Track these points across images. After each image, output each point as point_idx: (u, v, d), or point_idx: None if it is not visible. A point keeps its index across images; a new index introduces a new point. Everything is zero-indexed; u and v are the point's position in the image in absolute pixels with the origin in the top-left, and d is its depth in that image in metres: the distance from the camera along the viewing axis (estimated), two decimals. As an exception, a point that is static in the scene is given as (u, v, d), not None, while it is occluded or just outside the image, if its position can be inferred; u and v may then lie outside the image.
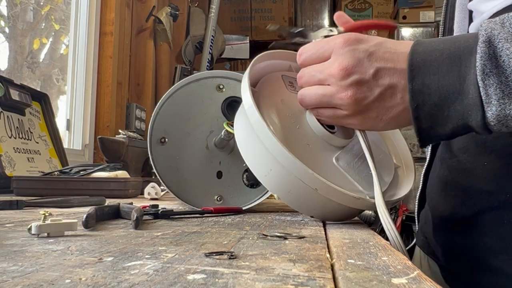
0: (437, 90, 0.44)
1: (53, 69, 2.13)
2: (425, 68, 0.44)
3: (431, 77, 0.44)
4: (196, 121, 0.72)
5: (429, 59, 0.44)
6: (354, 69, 0.47)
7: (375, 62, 0.47)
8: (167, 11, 2.39)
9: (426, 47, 0.45)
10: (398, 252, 0.35)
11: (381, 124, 0.49)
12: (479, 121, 0.42)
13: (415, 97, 0.44)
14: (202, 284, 0.24)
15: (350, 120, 0.50)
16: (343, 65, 0.47)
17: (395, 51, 0.47)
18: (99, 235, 0.41)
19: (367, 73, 0.46)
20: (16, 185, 0.97)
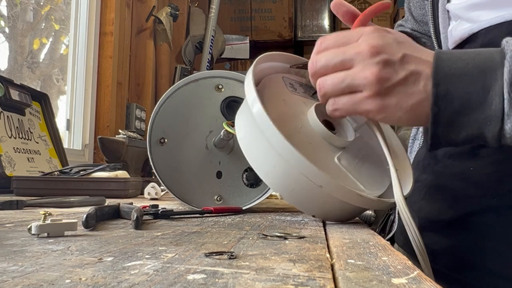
0: (460, 98, 0.44)
1: (53, 69, 2.13)
2: (450, 75, 0.45)
3: (456, 84, 0.44)
4: (196, 121, 0.72)
5: (454, 66, 0.45)
6: (384, 49, 0.47)
7: (403, 48, 0.47)
8: (167, 11, 2.39)
9: (450, 56, 0.46)
10: (398, 252, 0.35)
11: (399, 113, 0.48)
12: (495, 132, 0.43)
13: (438, 102, 0.45)
14: (202, 284, 0.24)
15: (367, 105, 0.48)
16: (373, 43, 0.47)
17: (420, 48, 0.48)
18: (99, 235, 0.41)
19: (395, 55, 0.47)
20: (16, 185, 0.96)
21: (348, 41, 0.49)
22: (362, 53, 0.47)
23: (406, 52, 0.47)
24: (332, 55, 0.49)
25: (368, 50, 0.47)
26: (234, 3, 3.41)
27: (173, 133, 0.71)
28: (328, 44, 0.51)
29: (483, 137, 0.45)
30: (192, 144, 0.71)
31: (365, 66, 0.47)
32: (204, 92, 0.72)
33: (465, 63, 0.45)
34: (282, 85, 0.61)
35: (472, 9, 0.60)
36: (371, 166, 0.59)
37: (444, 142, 0.47)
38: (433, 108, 0.45)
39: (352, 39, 0.49)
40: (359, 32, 0.49)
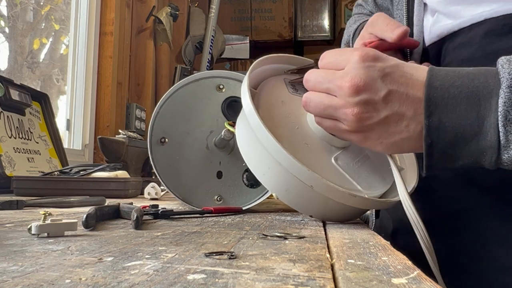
0: (453, 129, 0.43)
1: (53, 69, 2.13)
2: (442, 105, 0.43)
3: (449, 115, 0.43)
4: (196, 121, 0.72)
5: (447, 95, 0.43)
6: (365, 88, 0.45)
7: (388, 84, 0.45)
8: (167, 11, 2.39)
9: (443, 82, 0.44)
10: (398, 252, 0.35)
11: (380, 147, 0.48)
12: (493, 162, 0.43)
13: (431, 133, 0.44)
14: (202, 284, 0.24)
15: (350, 136, 0.49)
16: (354, 81, 0.45)
17: (410, 77, 0.46)
18: (99, 235, 0.41)
19: (378, 94, 0.45)
20: (16, 185, 0.96)
21: (338, 66, 0.48)
22: (343, 89, 0.46)
23: (391, 88, 0.45)
24: (320, 78, 0.49)
25: (349, 88, 0.45)
26: (234, 3, 3.41)
27: (174, 133, 0.71)
28: (324, 63, 0.51)
29: (480, 164, 0.44)
30: (192, 144, 0.71)
31: (346, 103, 0.46)
32: (205, 92, 0.72)
33: (458, 90, 0.43)
34: (282, 87, 0.61)
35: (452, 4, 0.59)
36: (372, 166, 0.59)
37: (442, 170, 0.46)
38: (426, 139, 0.44)
39: (341, 64, 0.48)
40: (347, 58, 0.47)
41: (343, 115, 0.47)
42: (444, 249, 0.56)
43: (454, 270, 0.54)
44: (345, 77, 0.46)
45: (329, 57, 0.50)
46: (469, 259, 0.54)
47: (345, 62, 0.47)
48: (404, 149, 0.48)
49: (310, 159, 0.53)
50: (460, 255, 0.55)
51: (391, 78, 0.45)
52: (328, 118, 0.50)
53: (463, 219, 0.56)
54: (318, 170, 0.51)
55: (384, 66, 0.46)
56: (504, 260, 0.51)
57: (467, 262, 0.54)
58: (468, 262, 0.54)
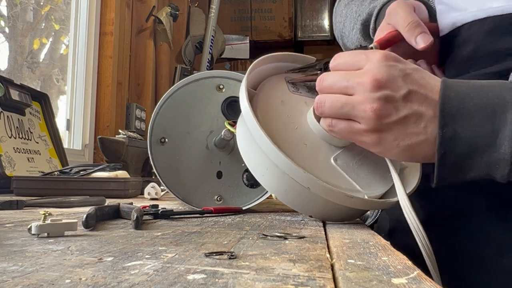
0: (467, 140, 0.43)
1: (53, 69, 2.13)
2: (458, 116, 0.43)
3: (463, 126, 0.43)
4: (196, 121, 0.72)
5: (462, 106, 0.43)
6: (387, 84, 0.45)
7: (409, 83, 0.45)
8: (167, 11, 2.39)
9: (458, 93, 0.44)
10: (398, 252, 0.35)
11: (395, 150, 0.47)
12: (505, 175, 0.43)
13: (444, 144, 0.44)
14: (202, 284, 0.24)
15: (364, 138, 0.48)
16: (377, 76, 0.45)
17: (429, 81, 0.46)
18: (99, 235, 0.41)
19: (399, 92, 0.45)
20: (16, 185, 0.96)
21: (355, 66, 0.48)
22: (364, 85, 0.45)
23: (412, 88, 0.45)
24: (338, 77, 0.48)
25: (370, 82, 0.45)
26: (234, 3, 3.40)
27: (174, 133, 0.71)
28: (339, 63, 0.50)
29: (491, 177, 0.44)
30: (192, 144, 0.71)
31: (366, 99, 0.45)
32: (205, 92, 0.72)
33: (473, 102, 0.43)
34: (282, 86, 0.61)
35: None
36: (372, 165, 0.58)
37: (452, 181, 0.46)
38: (439, 150, 0.44)
39: (359, 64, 0.47)
40: (368, 57, 0.47)
41: (361, 112, 0.46)
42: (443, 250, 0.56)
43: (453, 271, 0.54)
44: (366, 73, 0.46)
45: (344, 57, 0.50)
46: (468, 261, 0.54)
47: (364, 61, 0.47)
48: (418, 154, 0.47)
49: (309, 160, 0.53)
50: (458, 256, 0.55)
51: (412, 78, 0.45)
52: (343, 118, 0.48)
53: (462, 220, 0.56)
54: (317, 171, 0.51)
55: (405, 67, 0.46)
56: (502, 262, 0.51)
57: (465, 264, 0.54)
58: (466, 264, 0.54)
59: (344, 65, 0.49)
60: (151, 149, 0.70)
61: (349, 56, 0.49)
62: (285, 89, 0.61)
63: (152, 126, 0.71)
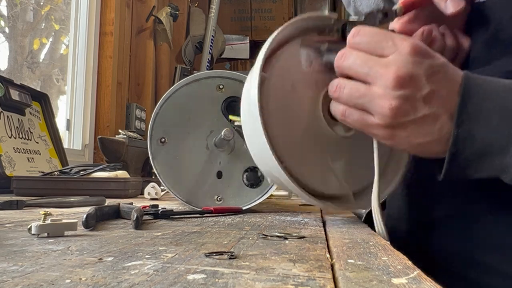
0: (481, 142, 0.42)
1: (53, 69, 2.13)
2: (475, 117, 0.42)
3: (479, 128, 0.42)
4: (196, 121, 0.72)
5: (480, 108, 0.43)
6: (410, 83, 0.43)
7: (432, 83, 0.43)
8: (167, 11, 2.39)
9: (479, 93, 0.43)
10: (398, 252, 0.35)
11: (406, 145, 0.46)
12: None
13: (457, 143, 0.43)
14: (202, 284, 0.24)
15: (376, 131, 0.46)
16: (401, 73, 0.42)
17: (452, 78, 0.44)
18: (99, 235, 0.41)
19: (420, 92, 0.43)
20: (16, 185, 0.96)
21: (380, 51, 0.45)
22: (386, 79, 0.43)
23: (434, 88, 0.43)
24: (360, 62, 0.45)
25: (393, 79, 0.43)
26: (234, 3, 3.41)
27: (174, 132, 0.71)
28: (360, 42, 0.46)
29: (500, 179, 0.44)
30: (192, 144, 0.71)
31: (385, 94, 0.43)
32: (205, 92, 0.72)
33: (493, 104, 0.42)
34: (296, 60, 0.56)
35: None
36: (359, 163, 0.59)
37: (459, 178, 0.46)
38: (451, 148, 0.43)
39: (385, 51, 0.44)
40: (395, 46, 0.44)
41: (378, 107, 0.44)
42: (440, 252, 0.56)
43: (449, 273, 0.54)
44: (391, 66, 0.43)
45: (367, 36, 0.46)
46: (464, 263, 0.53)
47: (390, 49, 0.44)
48: (428, 151, 0.46)
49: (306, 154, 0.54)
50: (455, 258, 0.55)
51: (436, 77, 0.43)
52: (358, 109, 0.46)
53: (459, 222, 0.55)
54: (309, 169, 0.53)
55: (432, 64, 0.43)
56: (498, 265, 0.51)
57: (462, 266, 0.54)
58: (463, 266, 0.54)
59: (366, 46, 0.46)
60: (151, 149, 0.70)
61: (374, 37, 0.45)
62: (298, 65, 0.56)
63: (152, 126, 0.71)
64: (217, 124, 0.71)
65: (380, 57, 0.45)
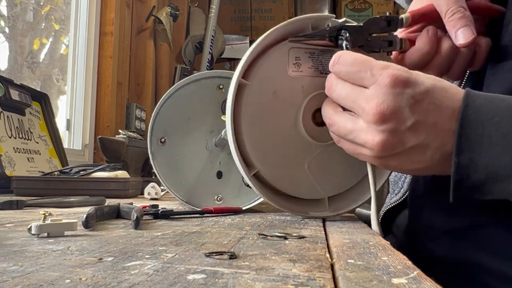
0: (485, 169, 0.40)
1: (53, 69, 2.13)
2: (476, 143, 0.40)
3: (482, 154, 0.40)
4: (196, 121, 0.72)
5: (481, 132, 0.40)
6: (392, 116, 0.42)
7: (416, 113, 0.42)
8: (167, 11, 2.39)
9: (479, 115, 0.41)
10: (398, 252, 0.35)
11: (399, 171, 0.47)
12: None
13: (460, 171, 0.41)
14: (202, 284, 0.24)
15: (369, 159, 0.47)
16: (381, 108, 0.42)
17: (440, 104, 0.42)
18: (99, 235, 0.41)
19: (405, 124, 0.42)
20: (16, 185, 0.96)
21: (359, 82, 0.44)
22: (368, 115, 0.43)
23: (419, 118, 0.42)
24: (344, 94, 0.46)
25: (374, 115, 0.42)
26: (234, 3, 3.41)
27: (174, 132, 0.71)
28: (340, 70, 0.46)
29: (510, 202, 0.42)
30: (192, 144, 0.71)
31: (369, 129, 0.43)
32: (205, 92, 0.72)
33: (496, 127, 0.40)
34: (283, 64, 0.54)
35: None
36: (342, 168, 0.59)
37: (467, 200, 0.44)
38: (454, 176, 0.41)
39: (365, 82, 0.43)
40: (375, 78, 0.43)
41: (364, 141, 0.44)
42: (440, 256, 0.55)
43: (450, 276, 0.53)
44: (371, 101, 0.42)
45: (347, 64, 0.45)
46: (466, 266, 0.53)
47: (369, 81, 0.43)
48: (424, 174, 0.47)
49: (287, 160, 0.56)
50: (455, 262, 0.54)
51: (420, 106, 0.42)
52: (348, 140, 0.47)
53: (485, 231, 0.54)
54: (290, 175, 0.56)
55: (414, 93, 0.42)
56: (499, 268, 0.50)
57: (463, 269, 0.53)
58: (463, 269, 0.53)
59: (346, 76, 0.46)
60: (151, 149, 0.70)
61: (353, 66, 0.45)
62: (285, 68, 0.54)
63: (152, 126, 0.71)
64: (217, 124, 0.71)
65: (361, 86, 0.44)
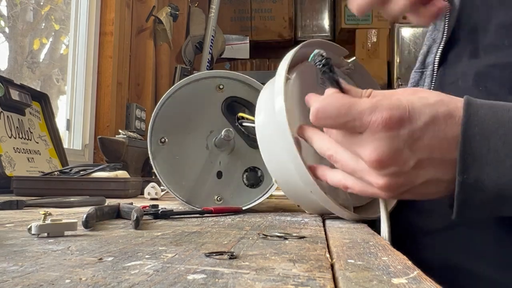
0: (492, 188, 0.38)
1: (53, 69, 2.13)
2: (481, 161, 0.37)
3: (488, 173, 0.38)
4: (196, 121, 0.72)
5: (486, 149, 0.37)
6: (391, 161, 0.39)
7: (417, 152, 0.39)
8: (167, 11, 2.39)
9: (482, 129, 0.38)
10: (398, 252, 0.35)
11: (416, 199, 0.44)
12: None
13: (465, 191, 0.38)
14: (202, 284, 0.24)
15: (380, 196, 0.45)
16: (377, 155, 0.39)
17: (444, 136, 0.39)
18: (99, 235, 0.41)
19: (407, 165, 0.39)
20: (16, 185, 0.96)
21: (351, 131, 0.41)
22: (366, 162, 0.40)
23: (421, 156, 0.39)
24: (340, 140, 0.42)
25: (372, 162, 0.39)
26: (234, 3, 3.40)
27: (174, 132, 0.71)
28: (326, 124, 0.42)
29: None
30: (192, 144, 0.71)
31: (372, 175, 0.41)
32: (205, 92, 0.72)
33: (502, 141, 0.37)
34: (313, 78, 0.59)
35: None
36: None
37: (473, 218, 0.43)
38: (458, 196, 0.39)
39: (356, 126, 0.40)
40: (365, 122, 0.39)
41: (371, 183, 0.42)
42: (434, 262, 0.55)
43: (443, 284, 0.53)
44: (366, 147, 0.40)
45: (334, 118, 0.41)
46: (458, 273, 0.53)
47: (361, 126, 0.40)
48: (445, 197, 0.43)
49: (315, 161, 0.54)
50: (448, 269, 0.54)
51: (421, 144, 0.39)
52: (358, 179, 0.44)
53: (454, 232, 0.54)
54: None
55: (411, 132, 0.38)
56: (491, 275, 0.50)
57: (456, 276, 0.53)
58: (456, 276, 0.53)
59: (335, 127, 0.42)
60: (151, 149, 0.70)
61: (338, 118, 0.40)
62: (314, 82, 0.58)
63: (152, 126, 0.71)
64: (217, 124, 0.71)
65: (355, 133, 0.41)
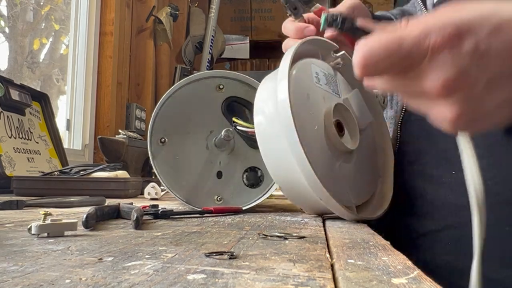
0: None
1: (53, 69, 2.13)
2: None
3: None
4: (196, 121, 0.72)
5: None
6: (460, 83, 0.33)
7: (487, 69, 0.32)
8: (167, 11, 2.39)
9: None
10: (398, 252, 0.35)
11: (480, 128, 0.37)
12: None
13: None
14: (202, 284, 0.24)
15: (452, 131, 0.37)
16: (443, 79, 0.33)
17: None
18: (99, 235, 0.41)
19: (477, 85, 0.33)
20: (16, 185, 0.96)
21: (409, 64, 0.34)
22: (432, 95, 0.34)
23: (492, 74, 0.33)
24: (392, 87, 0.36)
25: (438, 91, 0.33)
26: (234, 3, 3.40)
27: (174, 132, 0.71)
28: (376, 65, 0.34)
29: None
30: (192, 144, 0.71)
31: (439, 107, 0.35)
32: (205, 92, 0.72)
33: None
34: (310, 75, 0.58)
35: None
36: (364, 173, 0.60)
37: None
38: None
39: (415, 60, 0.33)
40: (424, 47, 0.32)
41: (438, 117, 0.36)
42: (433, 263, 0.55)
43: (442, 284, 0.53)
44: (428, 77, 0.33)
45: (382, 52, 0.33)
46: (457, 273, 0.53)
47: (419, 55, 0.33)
48: None
49: (320, 162, 0.54)
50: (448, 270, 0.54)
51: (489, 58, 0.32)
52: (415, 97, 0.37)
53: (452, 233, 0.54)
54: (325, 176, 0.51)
55: (475, 43, 0.32)
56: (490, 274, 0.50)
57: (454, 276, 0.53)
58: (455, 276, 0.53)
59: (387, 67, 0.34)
60: (151, 149, 0.70)
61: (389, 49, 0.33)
62: (311, 79, 0.57)
63: (152, 126, 0.71)
64: (217, 124, 0.71)
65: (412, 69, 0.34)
